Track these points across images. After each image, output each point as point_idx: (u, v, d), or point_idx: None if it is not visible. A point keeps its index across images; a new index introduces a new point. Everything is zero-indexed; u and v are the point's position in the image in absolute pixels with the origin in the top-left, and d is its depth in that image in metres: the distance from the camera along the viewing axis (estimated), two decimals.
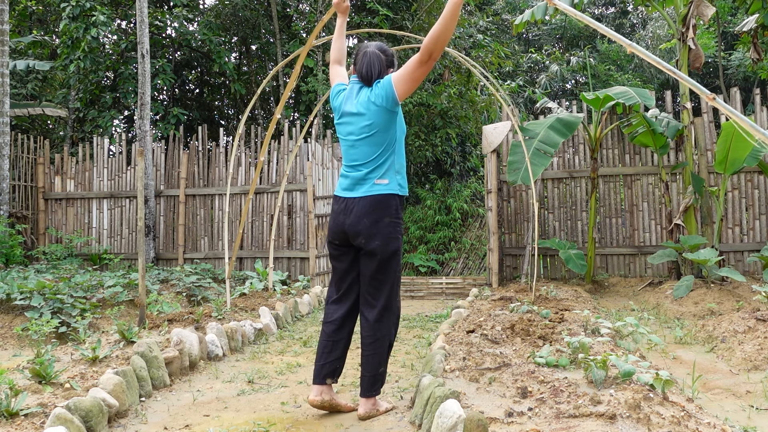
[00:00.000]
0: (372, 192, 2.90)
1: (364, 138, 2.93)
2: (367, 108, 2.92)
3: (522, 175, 6.70)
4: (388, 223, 2.89)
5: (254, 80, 12.75)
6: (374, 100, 2.91)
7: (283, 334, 5.31)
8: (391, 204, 2.91)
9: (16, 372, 3.35)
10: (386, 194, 2.90)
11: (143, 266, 4.53)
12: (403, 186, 2.99)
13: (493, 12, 17.22)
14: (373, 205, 2.88)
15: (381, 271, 2.92)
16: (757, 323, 4.39)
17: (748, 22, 8.49)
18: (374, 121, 2.91)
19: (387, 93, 2.86)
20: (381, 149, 2.92)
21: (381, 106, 2.89)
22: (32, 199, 9.38)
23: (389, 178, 2.92)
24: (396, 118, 2.95)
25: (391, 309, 2.98)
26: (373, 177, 2.91)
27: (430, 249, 10.40)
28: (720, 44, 14.20)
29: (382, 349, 2.95)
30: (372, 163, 2.92)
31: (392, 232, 2.90)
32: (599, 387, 2.75)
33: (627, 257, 7.84)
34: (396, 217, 2.92)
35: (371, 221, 2.87)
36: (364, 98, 2.95)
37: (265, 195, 8.73)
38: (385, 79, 2.91)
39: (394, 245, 2.92)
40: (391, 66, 3.07)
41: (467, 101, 11.97)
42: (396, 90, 2.85)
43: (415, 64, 2.77)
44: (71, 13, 10.32)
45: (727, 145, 6.34)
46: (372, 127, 2.91)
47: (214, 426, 2.90)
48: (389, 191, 2.91)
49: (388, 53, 3.06)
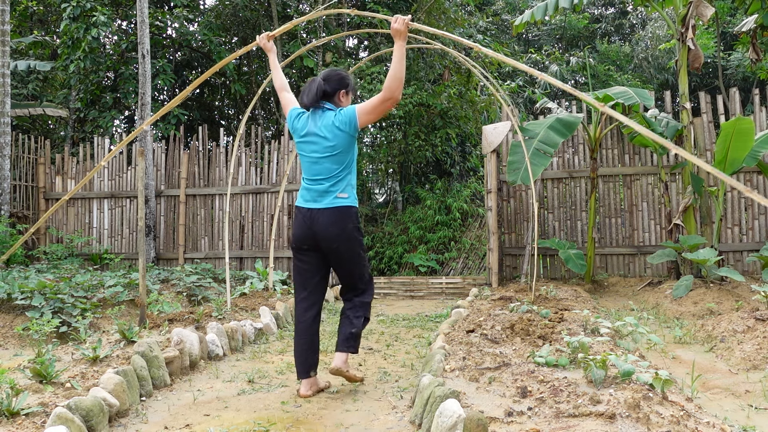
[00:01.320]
0: (335, 204, 3.38)
1: (328, 156, 3.38)
2: (332, 131, 3.37)
3: (522, 175, 6.70)
4: (352, 228, 3.42)
5: (254, 80, 12.75)
6: (338, 125, 3.36)
7: (284, 333, 5.32)
8: (352, 213, 3.43)
9: (17, 371, 3.36)
10: (347, 206, 3.41)
11: (144, 266, 4.54)
12: (356, 199, 3.50)
13: (493, 12, 17.24)
14: (337, 215, 3.38)
15: (353, 265, 3.48)
16: (756, 323, 4.40)
17: (748, 22, 8.51)
18: (337, 143, 3.37)
19: (350, 120, 3.34)
20: (341, 167, 3.40)
21: (344, 131, 3.35)
22: (33, 199, 9.39)
23: (348, 192, 3.42)
24: (354, 142, 3.43)
25: (366, 292, 3.58)
26: (335, 191, 3.39)
27: (430, 249, 10.40)
28: (719, 44, 14.21)
29: (359, 321, 3.50)
30: (333, 178, 3.39)
31: (357, 236, 3.45)
32: (599, 386, 2.76)
33: (626, 257, 7.85)
34: (357, 223, 3.46)
35: (339, 229, 3.38)
36: (328, 122, 3.39)
37: (265, 195, 8.74)
38: (350, 108, 3.37)
39: (359, 245, 3.47)
40: (343, 87, 3.50)
41: (467, 101, 11.98)
42: (359, 119, 3.33)
43: (378, 100, 3.28)
44: (72, 14, 10.33)
45: (726, 145, 6.35)
46: (335, 148, 3.37)
47: (215, 425, 2.91)
48: (349, 203, 3.42)
49: (332, 79, 3.49)
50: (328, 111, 3.41)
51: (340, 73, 3.53)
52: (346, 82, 3.50)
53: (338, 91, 3.48)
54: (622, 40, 20.94)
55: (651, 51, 18.31)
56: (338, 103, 3.49)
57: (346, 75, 3.53)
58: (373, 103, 3.29)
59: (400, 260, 10.32)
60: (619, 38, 21.19)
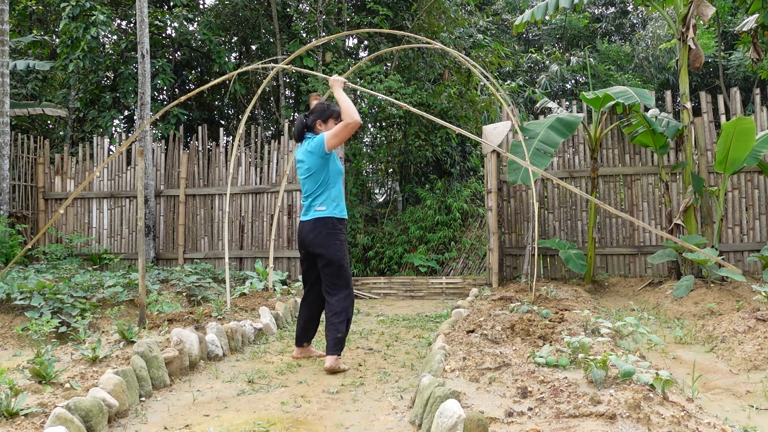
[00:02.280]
0: (314, 216, 4.09)
1: (307, 177, 4.14)
2: (306, 155, 4.13)
3: (522, 175, 6.69)
4: (326, 234, 4.04)
5: (254, 80, 12.74)
6: (310, 150, 4.10)
7: (283, 333, 5.31)
8: (327, 222, 4.06)
9: (16, 372, 3.35)
10: (323, 216, 4.07)
11: (143, 266, 4.53)
12: (340, 210, 4.13)
13: (493, 12, 17.23)
14: (315, 224, 4.09)
15: (330, 267, 4.06)
16: (757, 323, 4.39)
17: (748, 22, 8.50)
18: (311, 165, 4.10)
19: (319, 144, 4.04)
20: (317, 185, 4.10)
21: (315, 154, 4.07)
22: (32, 199, 9.38)
23: (326, 205, 4.08)
24: (328, 162, 4.08)
25: (344, 293, 4.07)
26: (314, 205, 4.11)
27: (430, 249, 10.40)
28: (720, 44, 14.20)
29: (339, 319, 4.00)
30: (312, 194, 4.12)
31: (331, 241, 4.04)
32: (599, 387, 2.75)
33: (627, 257, 7.84)
34: (333, 230, 4.06)
35: (314, 235, 4.07)
36: (303, 149, 4.18)
37: (265, 195, 8.73)
38: (320, 135, 4.07)
39: (335, 248, 4.04)
40: (318, 117, 4.20)
41: (467, 101, 11.97)
42: (326, 143, 4.02)
43: (341, 126, 3.97)
44: (71, 13, 10.31)
45: (727, 145, 6.34)
46: (310, 170, 4.11)
47: (214, 426, 2.90)
48: (326, 214, 4.07)
49: (312, 113, 4.22)
50: (307, 139, 4.19)
51: (317, 106, 4.25)
52: (321, 113, 4.19)
53: (315, 121, 4.20)
54: (623, 39, 20.93)
55: (651, 50, 18.29)
56: (317, 131, 4.19)
57: (322, 108, 4.22)
58: (338, 129, 3.98)
59: (400, 260, 10.31)
60: (619, 38, 21.18)
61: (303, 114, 4.26)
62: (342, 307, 4.04)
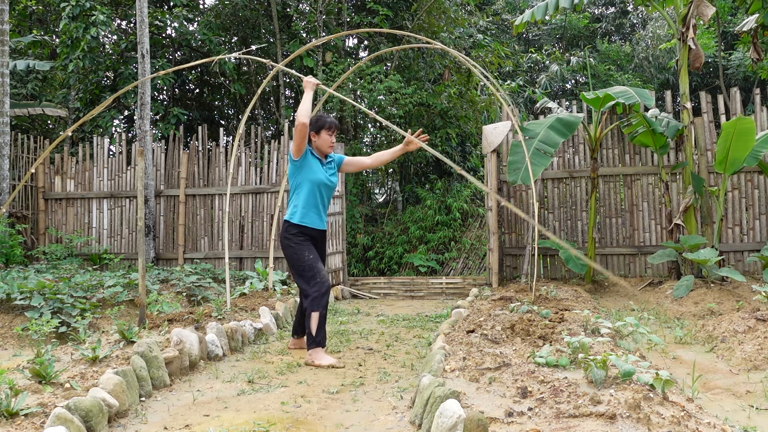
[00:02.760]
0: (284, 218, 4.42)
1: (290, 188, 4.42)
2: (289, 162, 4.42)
3: (522, 175, 6.69)
4: (283, 238, 4.32)
5: (254, 80, 12.74)
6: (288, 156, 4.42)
7: (283, 333, 5.31)
8: (285, 225, 4.35)
9: (16, 372, 3.35)
10: (285, 219, 4.37)
11: (143, 266, 4.53)
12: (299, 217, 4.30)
13: (493, 12, 17.23)
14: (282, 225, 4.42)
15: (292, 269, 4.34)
16: (757, 323, 4.39)
17: (748, 22, 8.50)
18: (288, 169, 4.41)
19: (289, 152, 4.39)
20: (291, 189, 4.38)
21: (289, 161, 4.37)
22: (32, 199, 9.38)
23: (289, 209, 4.36)
24: (296, 170, 4.30)
25: (304, 293, 4.27)
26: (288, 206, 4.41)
27: (430, 249, 10.40)
28: (720, 44, 14.20)
29: (307, 317, 4.20)
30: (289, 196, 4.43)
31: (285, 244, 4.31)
32: (599, 387, 2.75)
33: (627, 257, 7.84)
34: (286, 234, 4.31)
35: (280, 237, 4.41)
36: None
37: (265, 195, 8.73)
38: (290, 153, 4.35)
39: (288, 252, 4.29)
40: (312, 129, 4.34)
41: (467, 101, 11.97)
42: (292, 149, 4.26)
43: (298, 132, 4.14)
44: (71, 13, 10.31)
45: (727, 145, 6.34)
46: (288, 173, 4.43)
47: (214, 426, 2.90)
48: (286, 218, 4.37)
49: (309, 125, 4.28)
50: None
51: (312, 118, 4.36)
52: (313, 125, 4.34)
53: (309, 133, 4.34)
54: (623, 39, 20.94)
55: (651, 50, 18.30)
56: (312, 143, 4.38)
57: (314, 119, 4.36)
58: (295, 135, 4.17)
59: (400, 260, 10.31)
60: (619, 38, 21.18)
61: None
62: (308, 305, 4.21)
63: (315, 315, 4.16)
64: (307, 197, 4.30)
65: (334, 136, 4.39)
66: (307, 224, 4.30)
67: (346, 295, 8.28)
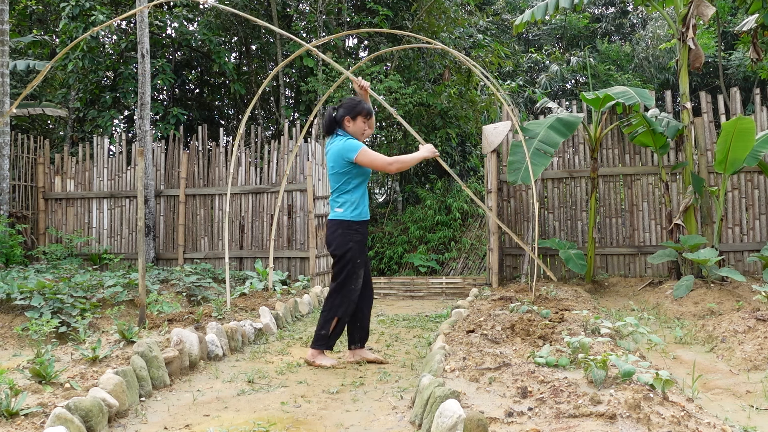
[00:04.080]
0: (332, 216, 4.17)
1: (331, 174, 4.16)
2: (332, 155, 4.12)
3: (522, 175, 6.69)
4: (339, 234, 4.09)
5: (254, 80, 12.74)
6: (336, 151, 4.07)
7: (283, 334, 5.31)
8: (342, 224, 4.10)
9: (16, 372, 3.35)
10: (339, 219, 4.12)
11: (143, 266, 4.53)
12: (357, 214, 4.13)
13: (493, 12, 17.22)
14: (329, 224, 4.19)
15: (335, 263, 4.15)
16: (757, 323, 4.39)
17: (748, 21, 8.50)
18: (334, 164, 4.11)
19: (349, 151, 4.02)
20: (338, 185, 4.12)
21: (340, 158, 4.06)
22: (32, 199, 9.38)
23: (344, 207, 4.12)
24: (352, 168, 4.06)
25: (337, 292, 4.10)
26: (335, 205, 4.16)
27: (430, 249, 10.40)
28: (720, 44, 14.20)
29: (324, 316, 4.11)
30: (334, 193, 4.18)
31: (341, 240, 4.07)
32: (599, 387, 2.75)
33: (627, 257, 7.84)
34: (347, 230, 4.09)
35: (328, 233, 4.18)
36: (331, 146, 4.15)
37: (265, 195, 8.73)
38: (351, 144, 4.03)
39: (341, 247, 4.08)
40: (346, 114, 4.14)
41: (467, 101, 11.97)
42: (356, 157, 4.01)
43: (378, 161, 4.06)
44: (71, 13, 10.31)
45: (727, 145, 6.34)
46: (333, 168, 4.12)
47: (214, 426, 2.90)
48: (341, 217, 4.11)
49: (344, 108, 4.16)
50: (337, 136, 4.15)
51: (347, 101, 4.18)
52: (351, 110, 4.14)
53: (344, 117, 4.14)
54: (623, 39, 20.93)
55: (651, 50, 18.29)
56: (345, 127, 4.15)
57: (353, 104, 4.15)
58: (374, 159, 4.04)
59: (400, 260, 10.31)
60: (619, 38, 21.18)
61: (332, 107, 4.19)
62: (330, 305, 4.12)
63: (336, 320, 4.13)
64: (362, 191, 4.18)
65: (368, 126, 4.23)
66: (365, 217, 4.19)
67: None
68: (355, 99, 4.21)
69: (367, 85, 4.32)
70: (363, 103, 4.19)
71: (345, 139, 4.09)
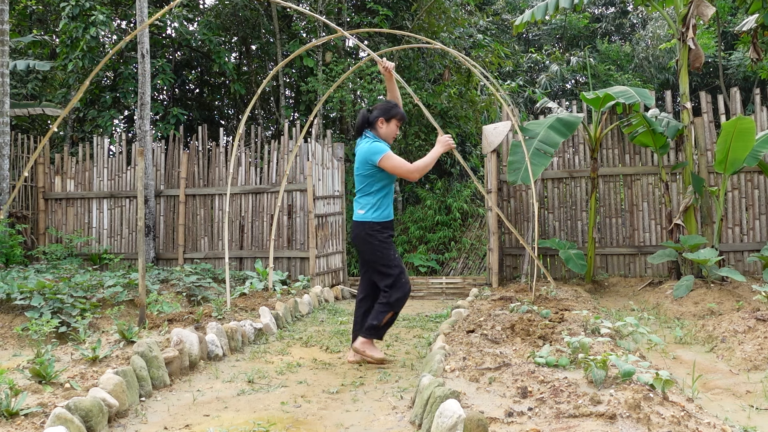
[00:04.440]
0: (356, 218, 4.21)
1: (356, 174, 4.20)
2: (359, 156, 4.16)
3: (522, 175, 6.69)
4: (363, 236, 4.15)
5: (254, 80, 12.74)
6: (363, 153, 4.10)
7: (283, 333, 5.31)
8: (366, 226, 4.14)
9: (16, 372, 3.35)
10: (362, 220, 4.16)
11: (143, 266, 4.53)
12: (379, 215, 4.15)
13: (493, 12, 17.22)
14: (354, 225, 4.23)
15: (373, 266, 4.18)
16: (757, 323, 4.39)
17: (748, 21, 8.49)
18: (359, 166, 4.16)
19: (373, 154, 4.04)
20: (362, 185, 4.16)
21: (366, 161, 4.10)
22: (32, 199, 9.38)
23: (365, 209, 4.15)
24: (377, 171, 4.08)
25: (389, 290, 4.09)
26: (357, 207, 4.21)
27: (430, 249, 10.40)
28: (720, 44, 14.20)
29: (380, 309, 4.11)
30: (358, 194, 4.21)
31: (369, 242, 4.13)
32: (599, 387, 2.75)
33: (627, 257, 7.84)
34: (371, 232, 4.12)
35: (354, 235, 4.22)
36: (359, 147, 4.19)
37: (265, 195, 8.73)
38: (377, 147, 4.05)
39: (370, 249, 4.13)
40: (381, 115, 4.16)
41: (467, 101, 11.97)
42: (381, 161, 4.03)
43: (402, 168, 4.05)
44: (71, 13, 10.31)
45: (727, 145, 6.34)
46: (358, 170, 4.18)
47: (214, 426, 2.90)
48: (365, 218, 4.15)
49: (379, 110, 4.19)
50: (366, 138, 4.18)
51: (383, 103, 4.24)
52: (386, 112, 4.17)
53: (378, 119, 4.17)
54: (623, 39, 20.93)
55: (651, 50, 18.29)
56: (378, 128, 4.17)
57: (388, 106, 4.19)
58: (398, 165, 4.05)
59: None
60: (619, 38, 21.18)
61: (366, 108, 4.19)
62: (388, 300, 4.10)
63: (391, 314, 4.14)
64: (385, 192, 4.19)
65: (399, 129, 4.30)
66: (389, 218, 4.21)
67: (346, 295, 8.28)
68: (391, 102, 4.24)
69: (391, 66, 4.27)
70: (398, 107, 4.23)
71: (371, 142, 4.10)
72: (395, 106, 4.21)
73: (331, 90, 6.52)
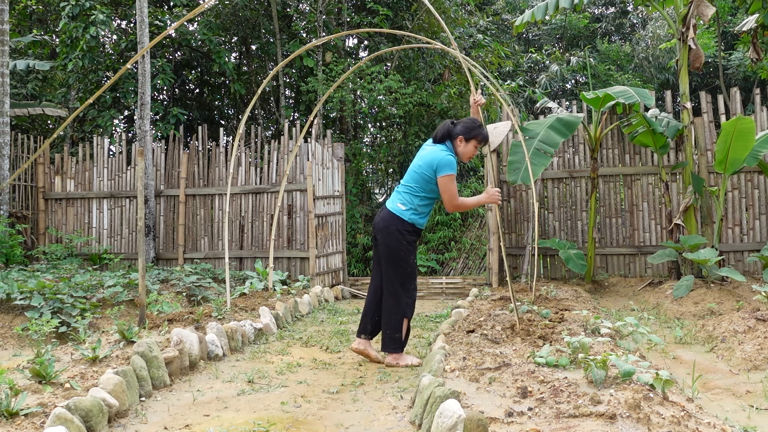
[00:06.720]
0: (392, 209, 4.20)
1: (412, 170, 4.21)
2: (424, 157, 4.17)
3: (522, 175, 6.69)
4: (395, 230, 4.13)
5: (254, 80, 12.74)
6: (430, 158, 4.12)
7: (283, 334, 5.31)
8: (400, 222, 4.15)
9: (16, 372, 3.35)
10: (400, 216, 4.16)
11: (143, 266, 4.53)
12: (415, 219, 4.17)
13: (493, 12, 17.22)
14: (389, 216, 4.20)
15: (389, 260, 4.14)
16: (757, 323, 4.39)
17: (748, 21, 8.49)
18: (421, 165, 4.17)
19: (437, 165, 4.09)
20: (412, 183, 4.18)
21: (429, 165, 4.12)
22: (32, 199, 9.38)
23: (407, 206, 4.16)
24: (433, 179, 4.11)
25: (397, 298, 4.11)
26: (398, 199, 4.21)
27: (430, 249, 10.40)
28: (720, 44, 14.20)
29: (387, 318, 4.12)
30: (404, 186, 4.23)
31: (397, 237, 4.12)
32: (599, 387, 2.75)
33: (627, 257, 7.84)
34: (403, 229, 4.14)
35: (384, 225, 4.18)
36: (429, 149, 4.20)
37: (265, 195, 8.73)
38: (448, 161, 4.07)
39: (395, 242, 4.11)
40: (462, 133, 4.16)
41: (467, 101, 11.96)
42: (437, 173, 4.08)
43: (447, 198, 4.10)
44: (71, 12, 10.30)
45: (727, 145, 6.34)
46: (416, 167, 4.20)
47: (214, 426, 2.90)
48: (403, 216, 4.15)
49: (462, 126, 4.18)
50: (440, 145, 4.18)
51: (468, 121, 4.20)
52: (468, 131, 4.16)
53: (458, 136, 4.16)
54: (623, 39, 20.92)
55: (651, 50, 18.28)
56: (456, 144, 4.18)
57: (472, 126, 4.17)
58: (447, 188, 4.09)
59: None
60: (619, 38, 21.17)
61: (450, 120, 4.22)
62: (396, 307, 4.11)
63: (406, 321, 4.17)
64: (430, 203, 4.22)
65: (476, 150, 4.27)
66: (422, 227, 4.25)
67: (346, 295, 8.28)
68: (477, 122, 4.22)
69: (482, 102, 4.41)
70: (482, 129, 4.21)
71: (446, 153, 4.10)
72: (479, 126, 4.19)
73: (331, 90, 6.52)
